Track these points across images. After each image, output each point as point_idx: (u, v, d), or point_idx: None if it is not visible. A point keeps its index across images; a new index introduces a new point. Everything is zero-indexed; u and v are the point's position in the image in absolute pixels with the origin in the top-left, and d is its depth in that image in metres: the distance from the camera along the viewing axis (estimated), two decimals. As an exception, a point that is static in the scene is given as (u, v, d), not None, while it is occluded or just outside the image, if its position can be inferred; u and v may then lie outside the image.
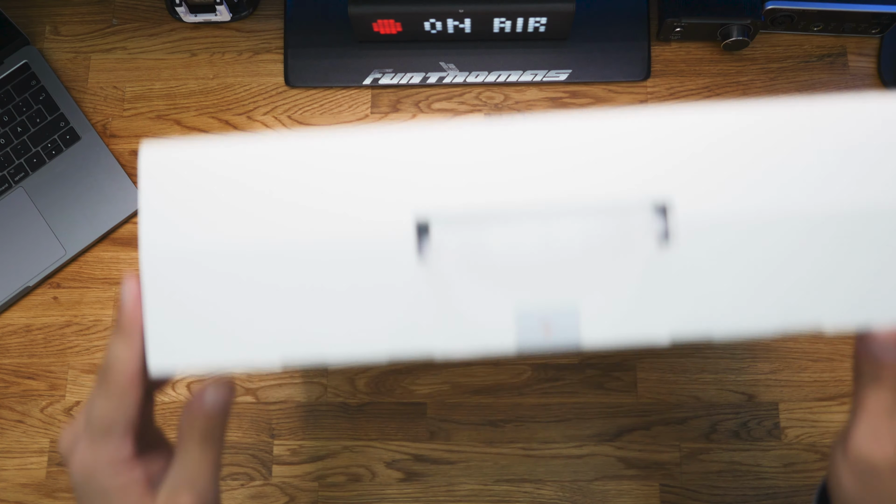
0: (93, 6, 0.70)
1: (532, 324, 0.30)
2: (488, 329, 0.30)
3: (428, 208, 0.30)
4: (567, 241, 0.30)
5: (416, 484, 0.59)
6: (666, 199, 0.30)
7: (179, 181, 0.30)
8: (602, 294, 0.30)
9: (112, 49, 0.69)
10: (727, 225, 0.30)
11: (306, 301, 0.30)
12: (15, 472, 0.60)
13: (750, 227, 0.30)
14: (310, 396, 0.61)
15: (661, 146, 0.31)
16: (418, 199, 0.30)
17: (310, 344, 0.30)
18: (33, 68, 0.67)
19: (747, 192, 0.30)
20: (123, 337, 0.30)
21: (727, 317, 0.30)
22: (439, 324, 0.30)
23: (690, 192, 0.30)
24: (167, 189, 0.31)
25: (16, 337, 0.63)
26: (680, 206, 0.30)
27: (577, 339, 0.30)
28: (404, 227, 0.30)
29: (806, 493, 0.58)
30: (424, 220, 0.30)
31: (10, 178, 0.65)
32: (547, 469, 0.59)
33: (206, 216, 0.30)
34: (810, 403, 0.59)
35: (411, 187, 0.30)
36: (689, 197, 0.30)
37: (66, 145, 0.66)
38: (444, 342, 0.30)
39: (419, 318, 0.30)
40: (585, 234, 0.30)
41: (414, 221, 0.30)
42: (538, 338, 0.30)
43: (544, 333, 0.30)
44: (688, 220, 0.30)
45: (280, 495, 0.59)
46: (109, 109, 0.67)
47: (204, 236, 0.30)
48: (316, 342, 0.30)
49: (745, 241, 0.30)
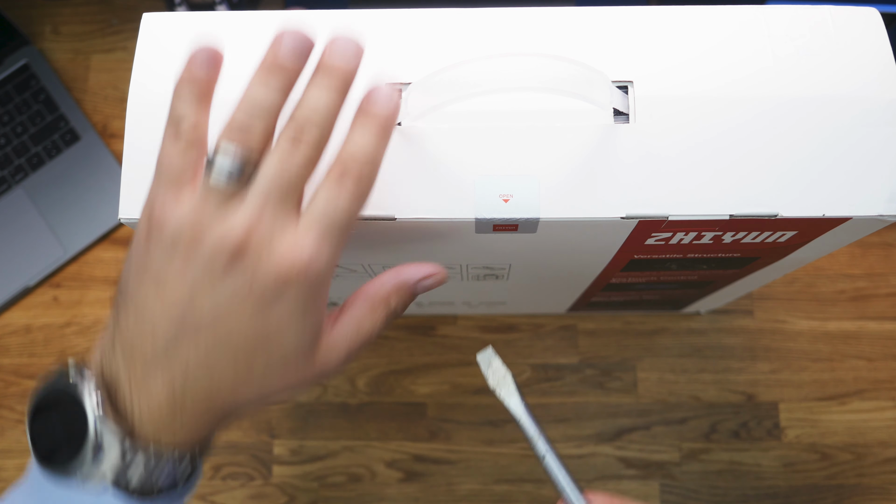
0: (93, 6, 0.70)
1: (490, 193, 0.30)
2: (448, 195, 0.30)
3: (398, 76, 0.31)
4: (528, 114, 0.31)
5: (416, 484, 0.59)
6: (627, 79, 0.31)
7: (173, 40, 0.31)
8: (560, 168, 0.30)
9: (112, 49, 0.69)
10: (685, 103, 0.31)
11: None
12: (15, 472, 0.60)
13: (707, 108, 0.31)
14: (310, 396, 0.61)
15: (625, 38, 0.32)
16: (388, 67, 0.31)
17: None
18: (33, 68, 0.67)
19: (706, 78, 0.31)
20: (197, 98, 0.26)
21: (684, 197, 0.30)
22: (405, 183, 0.31)
23: (651, 76, 0.31)
24: (161, 44, 0.32)
25: (16, 337, 0.63)
26: (640, 86, 0.31)
27: (536, 211, 0.30)
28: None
29: (806, 493, 0.58)
30: (394, 84, 0.31)
31: (10, 178, 0.65)
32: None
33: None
34: (810, 403, 0.59)
35: (384, 60, 0.31)
36: (649, 79, 0.31)
37: (66, 145, 0.66)
38: (406, 203, 0.30)
39: (387, 174, 0.30)
40: (548, 107, 0.31)
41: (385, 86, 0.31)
42: (496, 207, 0.30)
43: (503, 204, 0.30)
44: (647, 97, 0.31)
45: (280, 495, 0.59)
46: (109, 109, 0.67)
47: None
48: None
49: (702, 121, 0.31)
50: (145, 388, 0.27)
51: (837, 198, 0.30)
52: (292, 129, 0.25)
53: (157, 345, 0.26)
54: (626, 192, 0.30)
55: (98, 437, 0.26)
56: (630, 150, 0.30)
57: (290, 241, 0.25)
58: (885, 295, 0.61)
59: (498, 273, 0.42)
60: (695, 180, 0.30)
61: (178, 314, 0.26)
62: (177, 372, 0.26)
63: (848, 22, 0.32)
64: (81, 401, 0.26)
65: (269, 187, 0.25)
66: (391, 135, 0.26)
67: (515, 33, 0.32)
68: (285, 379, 0.28)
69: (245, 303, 0.25)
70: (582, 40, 0.32)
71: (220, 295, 0.25)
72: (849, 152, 0.30)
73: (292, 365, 0.27)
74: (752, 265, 0.40)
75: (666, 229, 0.32)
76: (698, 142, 0.30)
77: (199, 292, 0.25)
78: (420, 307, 0.58)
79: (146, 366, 0.26)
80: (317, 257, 0.25)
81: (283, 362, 0.27)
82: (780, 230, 0.32)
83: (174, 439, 0.27)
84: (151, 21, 0.33)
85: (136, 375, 0.27)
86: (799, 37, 0.32)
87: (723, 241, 0.34)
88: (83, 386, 0.27)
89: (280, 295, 0.25)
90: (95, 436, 0.26)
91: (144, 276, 0.26)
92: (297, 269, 0.25)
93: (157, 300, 0.26)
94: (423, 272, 0.30)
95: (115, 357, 0.27)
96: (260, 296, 0.25)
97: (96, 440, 0.26)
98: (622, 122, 0.31)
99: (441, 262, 0.39)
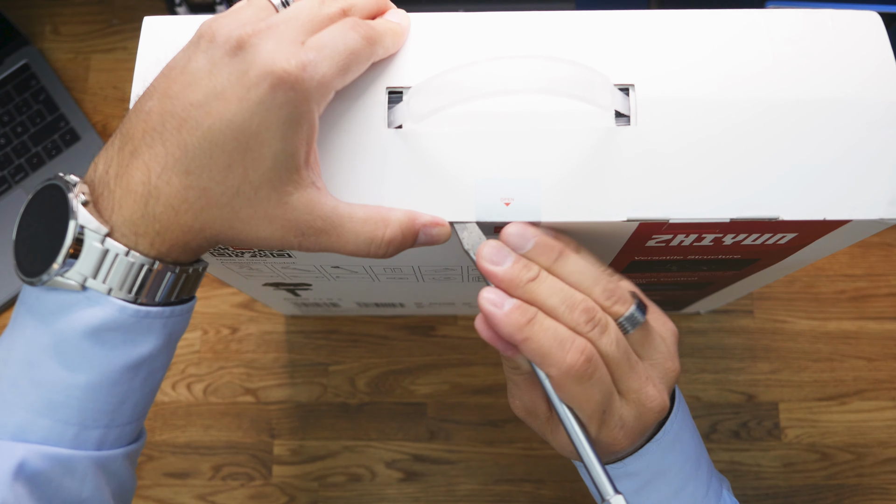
0: (93, 6, 0.70)
1: (491, 196, 0.30)
2: (449, 198, 0.31)
3: (400, 79, 0.32)
4: (528, 116, 0.31)
5: (416, 484, 0.59)
6: (629, 81, 0.31)
7: (174, 43, 0.31)
8: (561, 170, 0.30)
9: (112, 49, 0.69)
10: (686, 105, 0.31)
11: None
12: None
13: (708, 111, 0.31)
14: (310, 396, 0.61)
15: (627, 42, 0.32)
16: (392, 74, 0.32)
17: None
18: (33, 68, 0.67)
19: (707, 81, 0.31)
20: (372, 43, 0.30)
21: (685, 199, 0.30)
22: (407, 186, 0.31)
23: (652, 79, 0.31)
24: (162, 47, 0.32)
25: (16, 337, 0.63)
26: (641, 89, 0.31)
27: (537, 213, 0.30)
28: (377, 93, 0.31)
29: (806, 493, 0.58)
30: (396, 87, 0.31)
31: (10, 178, 0.65)
32: (547, 469, 0.59)
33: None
34: (810, 403, 0.59)
35: (386, 62, 0.32)
36: (650, 82, 0.31)
37: (66, 145, 0.66)
38: (407, 206, 0.30)
39: (388, 177, 0.31)
40: (550, 109, 0.31)
41: (385, 88, 0.31)
42: (497, 211, 0.30)
43: (504, 207, 0.30)
44: (648, 99, 0.31)
45: (280, 495, 0.59)
46: (109, 109, 0.67)
47: None
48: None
49: (703, 124, 0.31)
50: (126, 176, 0.27)
51: (838, 200, 0.30)
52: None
53: (148, 125, 0.27)
54: (628, 195, 0.30)
55: (78, 229, 0.27)
56: (631, 152, 0.30)
57: (291, 49, 0.27)
58: (885, 295, 0.61)
59: None
60: (696, 183, 0.30)
61: (173, 100, 0.27)
62: (156, 160, 0.27)
63: (848, 25, 0.32)
64: (65, 193, 0.27)
65: (292, 14, 0.28)
66: (401, 43, 0.31)
67: (517, 37, 0.32)
68: (256, 204, 0.28)
69: (235, 88, 0.26)
70: (584, 44, 0.32)
71: (216, 79, 0.27)
72: (849, 154, 0.30)
73: (265, 188, 0.28)
74: (752, 266, 0.40)
75: (667, 231, 0.32)
76: (699, 144, 0.30)
77: (198, 77, 0.27)
78: (421, 308, 0.58)
79: (133, 152, 0.28)
80: (311, 69, 0.27)
81: (258, 180, 0.27)
82: (781, 232, 0.32)
83: (150, 250, 0.28)
84: (153, 25, 0.33)
85: (122, 162, 0.28)
86: (800, 39, 0.31)
87: (723, 243, 0.34)
88: (68, 182, 0.28)
89: (270, 95, 0.26)
90: (76, 226, 0.27)
91: (160, 72, 0.29)
92: (291, 73, 0.26)
93: (159, 89, 0.28)
94: (430, 219, 0.30)
95: (111, 152, 0.28)
96: (251, 85, 0.26)
97: (76, 232, 0.27)
98: (623, 124, 0.31)
99: (442, 265, 0.39)
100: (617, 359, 0.29)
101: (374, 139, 0.31)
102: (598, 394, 0.29)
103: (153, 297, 0.29)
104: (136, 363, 0.30)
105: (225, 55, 0.27)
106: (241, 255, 0.37)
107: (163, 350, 0.31)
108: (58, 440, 0.29)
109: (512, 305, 0.28)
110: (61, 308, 0.28)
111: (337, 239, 0.29)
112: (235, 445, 0.60)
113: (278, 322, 0.62)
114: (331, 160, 0.31)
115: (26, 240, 0.29)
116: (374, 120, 0.31)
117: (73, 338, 0.28)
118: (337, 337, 0.62)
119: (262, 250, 0.36)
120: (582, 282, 0.30)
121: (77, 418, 0.29)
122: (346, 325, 0.62)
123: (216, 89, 0.27)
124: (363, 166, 0.31)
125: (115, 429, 0.31)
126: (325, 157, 0.31)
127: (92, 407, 0.29)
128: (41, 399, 0.29)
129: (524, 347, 0.28)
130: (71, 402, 0.29)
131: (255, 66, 0.26)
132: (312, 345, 0.62)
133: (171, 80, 0.28)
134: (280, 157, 0.27)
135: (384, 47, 0.31)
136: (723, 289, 0.48)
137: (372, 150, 0.31)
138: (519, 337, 0.28)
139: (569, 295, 0.29)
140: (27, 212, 0.29)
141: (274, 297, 0.52)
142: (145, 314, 0.29)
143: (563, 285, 0.29)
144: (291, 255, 0.37)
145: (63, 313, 0.28)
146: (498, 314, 0.28)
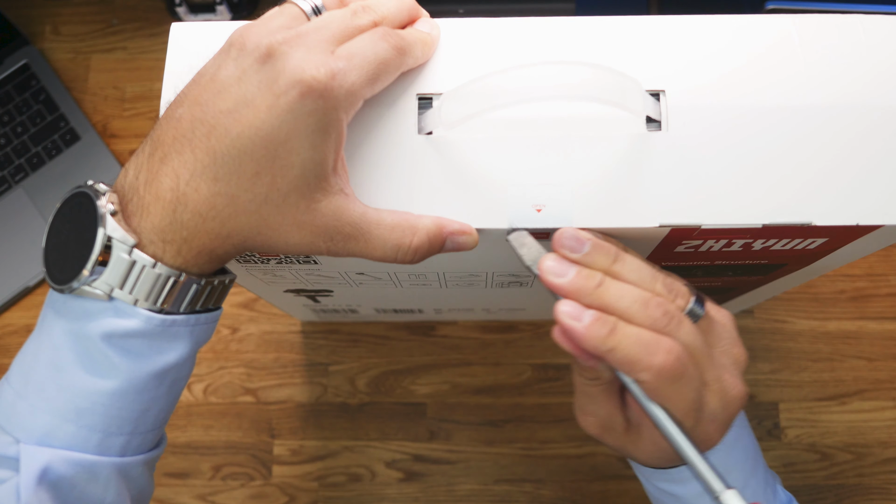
0: (93, 6, 0.70)
1: (524, 202, 0.30)
2: (481, 205, 0.30)
3: (431, 85, 0.31)
4: (560, 122, 0.31)
5: (416, 484, 0.59)
6: (659, 87, 0.31)
7: (201, 50, 0.31)
8: (593, 176, 0.30)
9: (112, 49, 0.69)
10: (717, 111, 0.30)
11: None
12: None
13: (739, 116, 0.30)
14: (310, 396, 0.61)
15: (656, 48, 0.32)
16: (423, 80, 0.32)
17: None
18: (33, 68, 0.67)
19: (738, 86, 0.31)
20: (402, 52, 0.30)
21: (717, 205, 0.30)
22: (437, 192, 0.31)
23: (683, 85, 0.31)
24: (190, 54, 0.32)
25: (16, 337, 0.63)
26: (672, 95, 0.31)
27: (569, 219, 0.30)
28: (407, 99, 0.31)
29: (806, 494, 0.58)
30: (426, 94, 0.31)
31: (10, 178, 0.65)
32: (547, 469, 0.59)
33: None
34: (810, 403, 0.59)
35: (417, 69, 0.32)
36: (681, 88, 0.31)
37: (66, 145, 0.66)
38: (438, 213, 0.30)
39: (419, 183, 0.31)
40: (580, 115, 0.31)
41: (415, 95, 0.31)
42: (529, 217, 0.30)
43: (536, 214, 0.30)
44: (679, 105, 0.31)
45: (280, 495, 0.59)
46: (109, 109, 0.67)
47: None
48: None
49: (734, 128, 0.30)
50: (156, 183, 0.27)
51: (870, 205, 0.30)
52: (360, 4, 0.30)
53: (178, 132, 0.27)
54: (659, 201, 0.30)
55: (106, 239, 0.27)
56: (663, 158, 0.30)
57: (320, 58, 0.27)
58: (885, 295, 0.61)
59: (523, 280, 0.42)
60: (728, 188, 0.30)
61: (203, 107, 0.27)
62: (184, 167, 0.27)
63: (880, 29, 0.31)
64: (93, 202, 0.28)
65: (323, 23, 0.28)
66: (431, 53, 0.31)
67: (546, 43, 0.32)
68: (285, 211, 0.28)
69: (264, 96, 0.26)
70: (611, 50, 0.32)
71: (245, 87, 0.27)
72: (881, 160, 0.30)
73: (294, 195, 0.28)
74: (777, 272, 0.39)
75: (697, 237, 0.32)
76: (731, 149, 0.30)
77: (227, 85, 0.27)
78: (439, 314, 0.57)
79: (163, 158, 0.28)
80: (340, 78, 0.27)
81: (286, 188, 0.27)
82: (812, 237, 0.32)
83: (176, 258, 0.28)
84: (180, 31, 0.32)
85: (152, 168, 0.28)
86: (830, 45, 0.31)
87: (752, 248, 0.34)
88: (98, 191, 0.28)
89: (299, 103, 0.26)
90: (104, 236, 0.27)
91: (191, 79, 0.29)
92: (320, 81, 0.26)
93: (190, 96, 0.28)
94: (458, 227, 0.30)
95: (141, 158, 0.28)
96: (280, 93, 0.26)
97: (104, 241, 0.27)
98: (654, 129, 0.30)
99: (467, 271, 0.39)
100: (698, 349, 0.29)
101: (405, 145, 0.31)
102: (691, 390, 0.29)
103: (178, 307, 0.29)
104: (162, 371, 0.30)
105: (254, 63, 0.27)
106: (267, 261, 0.36)
107: (189, 358, 0.31)
108: (82, 446, 0.29)
109: (592, 318, 0.28)
110: (88, 314, 0.28)
111: (365, 245, 0.29)
112: (235, 445, 0.60)
113: (278, 322, 0.63)
114: (361, 166, 0.31)
115: (56, 247, 0.29)
116: (404, 126, 0.31)
117: (100, 345, 0.28)
118: (337, 337, 0.62)
119: (288, 257, 0.35)
120: (642, 280, 0.29)
121: (102, 425, 0.29)
122: (346, 325, 0.62)
123: (245, 97, 0.27)
124: (394, 172, 0.31)
125: (139, 436, 0.31)
126: (356, 162, 0.31)
127: (117, 414, 0.29)
128: (67, 404, 0.29)
129: (611, 357, 0.28)
130: (97, 408, 0.29)
131: (284, 74, 0.26)
132: (312, 345, 0.62)
133: (201, 88, 0.28)
134: (308, 165, 0.27)
135: (414, 57, 0.31)
136: (744, 294, 0.48)
137: (402, 157, 0.31)
138: (604, 348, 0.28)
139: (638, 295, 0.29)
140: (57, 219, 0.30)
141: (293, 304, 0.51)
142: (171, 323, 0.29)
143: (629, 286, 0.29)
144: (317, 262, 0.36)
145: (90, 319, 0.28)
146: (578, 328, 0.28)
